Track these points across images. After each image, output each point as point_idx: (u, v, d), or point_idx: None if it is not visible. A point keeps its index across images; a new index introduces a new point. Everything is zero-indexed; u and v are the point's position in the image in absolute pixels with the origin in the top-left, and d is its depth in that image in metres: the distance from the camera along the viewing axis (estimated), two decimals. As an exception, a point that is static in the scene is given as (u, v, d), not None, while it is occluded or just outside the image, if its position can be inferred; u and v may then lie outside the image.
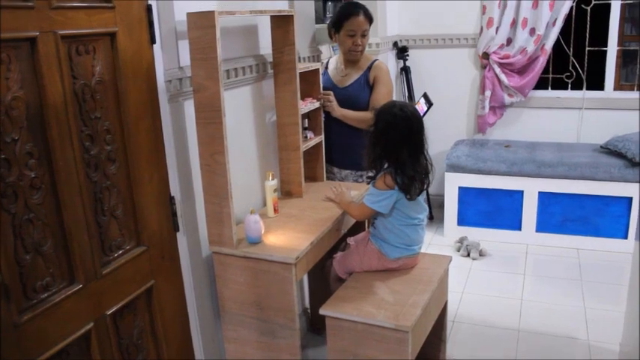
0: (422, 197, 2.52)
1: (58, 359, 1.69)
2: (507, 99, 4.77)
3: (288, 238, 2.34)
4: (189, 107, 2.19)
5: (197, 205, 2.29)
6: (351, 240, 2.72)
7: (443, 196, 4.65)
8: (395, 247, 2.52)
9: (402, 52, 4.88)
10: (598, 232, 4.31)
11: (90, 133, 1.78)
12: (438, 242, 4.55)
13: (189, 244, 2.24)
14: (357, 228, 2.87)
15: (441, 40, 4.98)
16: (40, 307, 1.61)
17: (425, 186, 2.47)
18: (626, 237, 4.24)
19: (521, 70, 4.72)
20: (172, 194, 2.14)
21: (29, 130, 1.57)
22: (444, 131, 4.92)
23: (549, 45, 4.58)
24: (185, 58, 2.13)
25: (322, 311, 2.31)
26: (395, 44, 4.90)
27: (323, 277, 2.93)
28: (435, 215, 4.95)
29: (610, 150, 4.37)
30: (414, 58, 4.97)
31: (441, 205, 4.74)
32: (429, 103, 4.23)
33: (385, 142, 2.41)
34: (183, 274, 2.25)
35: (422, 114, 2.81)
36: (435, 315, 2.59)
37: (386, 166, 2.45)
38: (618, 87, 4.74)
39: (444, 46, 4.99)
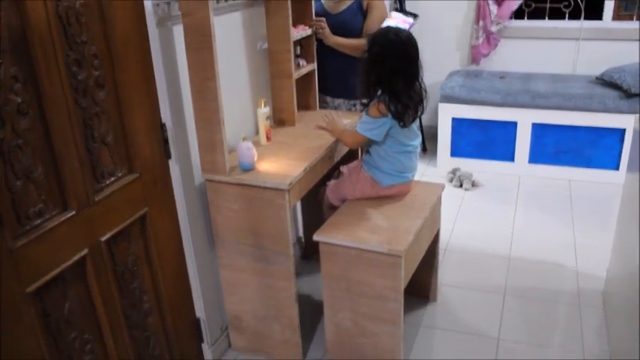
0: (415, 124, 2.51)
1: (55, 285, 1.70)
2: (494, 27, 4.69)
3: (281, 166, 2.34)
4: (178, 32, 2.13)
5: (189, 133, 2.27)
6: (344, 168, 2.72)
7: (436, 127, 4.64)
8: (388, 175, 2.52)
9: (396, -21, 4.75)
10: (590, 164, 4.34)
11: (76, 57, 1.73)
12: (430, 173, 4.57)
13: (181, 171, 2.23)
14: (350, 156, 2.87)
15: (436, -33, 4.85)
16: (34, 233, 1.61)
17: (419, 113, 2.45)
18: (617, 168, 4.27)
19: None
20: (163, 121, 2.11)
21: (13, 54, 1.52)
22: (438, 62, 4.85)
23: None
24: (173, -19, 2.06)
25: (316, 237, 2.33)
26: (389, -29, 4.76)
27: (316, 206, 2.95)
28: (428, 147, 4.95)
29: (605, 81, 4.34)
30: (408, -15, 4.85)
31: (434, 137, 4.74)
32: (413, 15, 4.04)
33: (380, 69, 2.36)
34: (177, 201, 2.25)
35: (408, 28, 2.73)
36: (427, 242, 2.63)
37: (379, 93, 2.42)
38: (617, 17, 4.65)
39: (438, -27, 4.86)
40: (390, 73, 2.35)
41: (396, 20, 2.88)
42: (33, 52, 1.57)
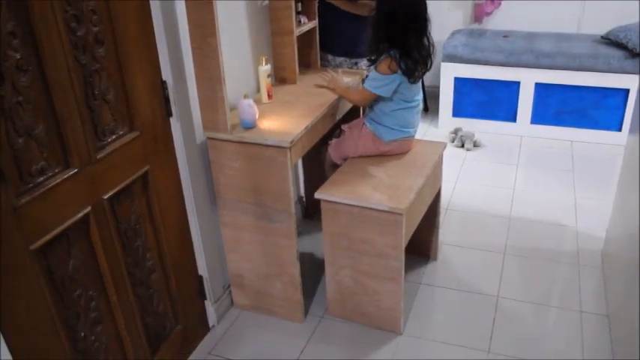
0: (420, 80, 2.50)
1: (59, 243, 1.71)
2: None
3: (282, 123, 2.33)
4: (178, -12, 2.10)
5: (189, 91, 2.24)
6: (345, 126, 2.71)
7: (438, 87, 4.60)
8: (390, 129, 2.52)
9: None
10: (593, 125, 4.32)
11: (75, 13, 1.70)
12: (432, 133, 4.56)
13: (182, 129, 2.22)
14: (352, 114, 2.85)
15: None
16: (37, 190, 1.61)
17: (428, 67, 2.44)
18: (620, 129, 4.25)
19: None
20: (164, 79, 2.09)
21: (9, 9, 1.49)
22: (440, 21, 4.76)
23: None
24: None
25: (317, 195, 2.33)
26: None
27: (318, 165, 2.95)
28: (430, 107, 4.92)
29: (611, 40, 4.28)
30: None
31: (436, 97, 4.70)
32: None
33: (392, 26, 2.34)
34: (178, 160, 2.24)
35: None
36: (428, 200, 2.64)
37: (389, 49, 2.40)
38: (624, -27, 4.55)
39: None
40: (401, 29, 2.34)
41: None
42: (30, 6, 1.54)
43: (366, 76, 2.57)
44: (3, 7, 1.47)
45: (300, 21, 2.83)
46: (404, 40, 2.34)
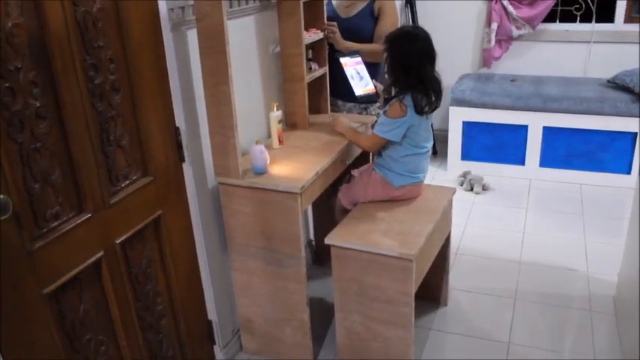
0: (430, 124, 2.53)
1: (71, 287, 1.72)
2: (515, 31, 4.68)
3: (293, 169, 2.35)
4: (192, 37, 2.15)
5: (202, 136, 2.29)
6: (355, 172, 2.73)
7: (447, 130, 4.64)
8: (400, 175, 2.54)
9: (407, -18, 4.76)
10: (601, 168, 4.32)
11: (93, 62, 1.75)
12: (441, 177, 4.57)
13: (195, 174, 2.25)
14: (361, 159, 2.88)
15: (447, -29, 4.86)
16: (51, 235, 1.63)
17: (439, 102, 2.49)
18: (629, 172, 4.25)
19: (531, 2, 4.60)
20: (177, 125, 2.13)
21: (32, 59, 1.54)
22: (448, 65, 4.83)
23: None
24: (187, -15, 2.08)
25: (327, 240, 2.34)
26: (400, -26, 4.77)
27: (327, 210, 2.96)
28: (439, 150, 4.95)
29: (617, 84, 4.32)
30: (419, -11, 4.86)
31: (445, 140, 4.73)
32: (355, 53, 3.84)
33: (409, 63, 2.40)
34: (190, 204, 2.27)
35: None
36: (438, 245, 2.63)
37: (395, 92, 2.45)
38: (629, 19, 4.63)
39: (450, -24, 4.86)
40: (419, 65, 2.39)
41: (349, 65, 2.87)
42: (51, 56, 1.59)
43: (376, 121, 2.60)
44: (26, 58, 1.52)
45: (310, 67, 2.88)
46: (423, 74, 2.39)
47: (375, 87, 2.78)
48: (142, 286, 2.04)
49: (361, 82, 2.77)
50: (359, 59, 2.83)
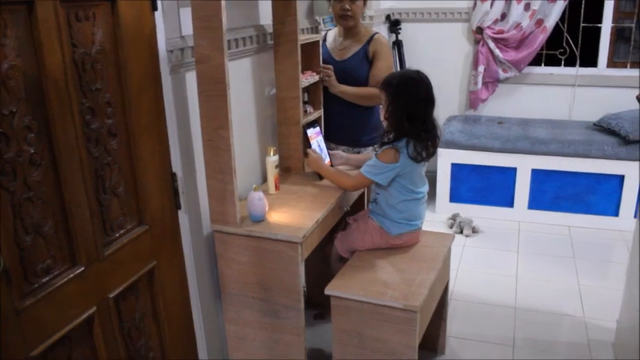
0: (424, 170, 2.47)
1: (61, 346, 1.60)
2: (502, 74, 4.72)
3: (292, 216, 2.27)
4: (190, 79, 2.09)
5: (198, 182, 2.20)
6: (350, 219, 2.65)
7: (435, 172, 4.60)
8: (396, 223, 2.47)
9: (394, 25, 4.78)
10: (589, 210, 4.32)
11: (90, 105, 1.67)
12: (430, 219, 4.50)
13: (190, 222, 2.15)
14: (357, 206, 2.81)
15: (434, 14, 4.90)
16: (41, 291, 1.52)
17: (436, 148, 2.45)
18: (617, 214, 4.25)
19: (517, 45, 4.66)
20: (174, 171, 2.04)
21: (28, 102, 1.46)
22: (436, 107, 4.84)
23: (550, 24, 4.51)
24: (187, 27, 2.02)
25: (327, 291, 2.25)
26: (387, 17, 4.80)
27: (320, 257, 2.86)
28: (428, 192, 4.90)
29: (603, 127, 4.36)
30: (406, 31, 4.88)
31: (433, 182, 4.69)
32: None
33: (414, 111, 2.35)
34: (185, 253, 2.16)
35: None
36: (439, 294, 2.56)
37: (390, 139, 2.39)
38: (612, 64, 4.71)
39: (437, 20, 4.91)
40: (424, 109, 2.37)
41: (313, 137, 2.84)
42: (48, 100, 1.51)
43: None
44: (22, 102, 1.43)
45: (306, 110, 2.83)
46: (420, 127, 2.35)
47: (330, 160, 2.74)
48: (135, 342, 1.92)
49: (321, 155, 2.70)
50: (318, 130, 2.79)
